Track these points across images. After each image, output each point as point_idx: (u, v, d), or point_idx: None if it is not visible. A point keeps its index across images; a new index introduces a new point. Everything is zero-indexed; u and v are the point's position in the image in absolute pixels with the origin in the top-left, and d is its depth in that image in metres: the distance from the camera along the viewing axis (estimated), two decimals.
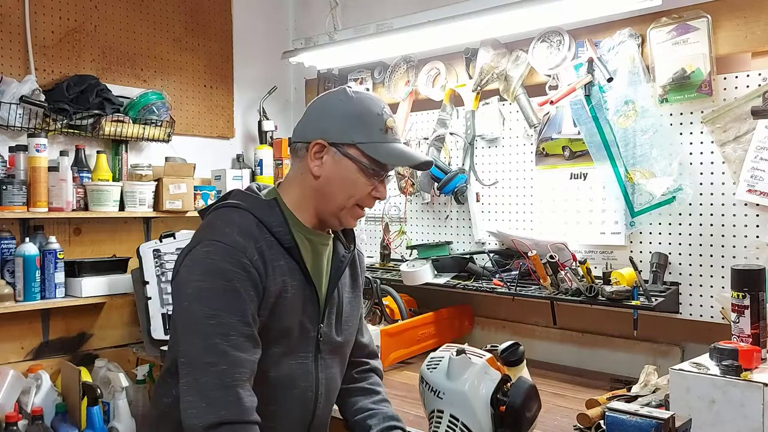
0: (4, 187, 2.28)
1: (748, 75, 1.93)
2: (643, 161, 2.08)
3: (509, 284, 2.28)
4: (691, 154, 2.04)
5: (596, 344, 2.35)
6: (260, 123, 3.21)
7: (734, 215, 1.96)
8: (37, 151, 2.34)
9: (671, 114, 2.08)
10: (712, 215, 2.01)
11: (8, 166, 2.38)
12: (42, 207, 2.35)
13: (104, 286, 2.53)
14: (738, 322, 1.58)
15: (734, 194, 1.94)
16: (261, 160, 3.10)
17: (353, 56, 2.71)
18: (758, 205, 1.90)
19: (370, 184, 1.37)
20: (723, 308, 1.91)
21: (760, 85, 1.90)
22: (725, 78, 1.97)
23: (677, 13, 2.01)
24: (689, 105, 2.03)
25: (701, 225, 2.03)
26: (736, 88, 1.95)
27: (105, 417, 2.45)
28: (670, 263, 2.08)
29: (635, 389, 1.83)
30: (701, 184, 2.02)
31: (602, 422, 1.55)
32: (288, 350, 1.38)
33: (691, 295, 2.05)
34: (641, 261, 2.11)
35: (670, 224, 2.09)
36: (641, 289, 1.97)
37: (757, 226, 1.92)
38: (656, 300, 1.95)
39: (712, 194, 2.00)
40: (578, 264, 2.13)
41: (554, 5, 1.99)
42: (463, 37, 2.36)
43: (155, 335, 2.47)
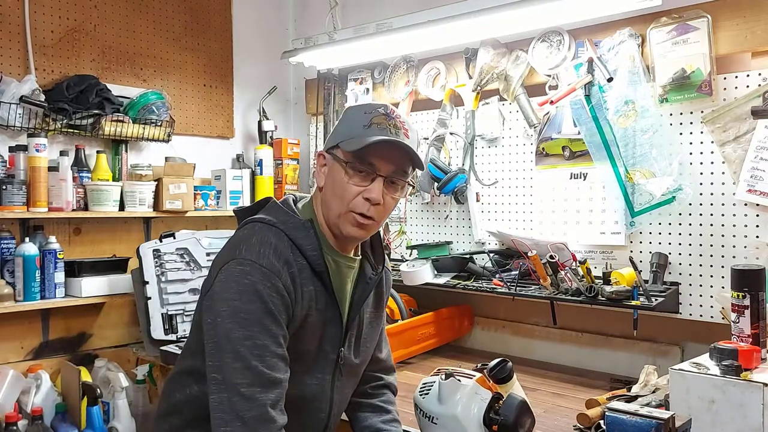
0: (4, 187, 2.28)
1: (748, 75, 1.93)
2: (643, 161, 2.08)
3: (509, 284, 2.28)
4: (691, 154, 2.04)
5: (596, 344, 2.35)
6: (260, 123, 3.21)
7: (734, 215, 1.96)
8: (37, 151, 2.34)
9: (671, 114, 2.08)
10: (712, 215, 2.01)
11: (8, 166, 2.38)
12: (42, 207, 2.35)
13: (104, 286, 2.53)
14: (738, 322, 1.58)
15: (734, 194, 1.94)
16: (261, 160, 3.10)
17: (353, 56, 2.71)
18: (758, 205, 1.90)
19: (358, 185, 1.33)
20: (723, 308, 1.91)
21: (760, 85, 1.90)
22: (725, 78, 1.97)
23: (677, 13, 2.01)
24: (689, 105, 2.03)
25: (701, 225, 2.03)
26: (736, 88, 1.95)
27: (105, 417, 2.44)
28: (670, 263, 2.08)
29: (635, 389, 1.83)
30: (701, 184, 2.02)
31: (602, 422, 1.55)
32: (305, 369, 1.37)
33: (691, 295, 2.05)
34: (641, 261, 2.11)
35: (670, 224, 2.09)
36: (641, 289, 1.97)
37: (757, 226, 1.92)
38: (656, 300, 1.95)
39: (712, 194, 2.00)
40: (578, 264, 2.13)
41: (554, 5, 1.99)
42: (463, 37, 2.36)
43: (155, 335, 2.47)
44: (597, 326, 2.35)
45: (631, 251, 2.17)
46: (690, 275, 2.05)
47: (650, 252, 2.12)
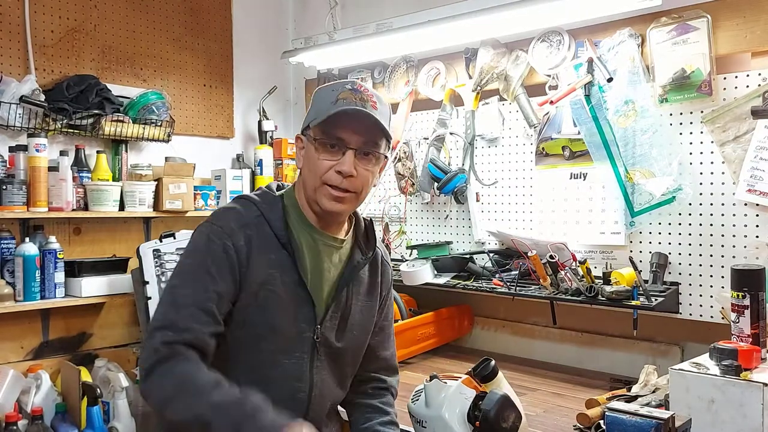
0: (4, 187, 2.28)
1: (748, 75, 1.93)
2: (643, 161, 2.08)
3: (509, 284, 2.28)
4: (691, 154, 2.04)
5: (596, 344, 2.35)
6: (260, 123, 3.21)
7: (734, 215, 1.96)
8: (37, 151, 2.34)
9: (671, 114, 2.08)
10: (712, 215, 2.01)
11: (8, 166, 2.38)
12: (42, 207, 2.35)
13: (104, 286, 2.53)
14: (738, 322, 1.58)
15: (734, 194, 1.95)
16: (261, 160, 3.10)
17: (353, 56, 2.71)
18: (758, 205, 1.91)
19: (330, 159, 1.36)
20: (723, 308, 1.91)
21: (760, 85, 1.90)
22: (725, 78, 1.97)
23: (677, 13, 2.01)
24: (689, 105, 2.03)
25: (701, 225, 2.03)
26: (736, 88, 1.95)
27: (105, 417, 2.44)
28: (670, 263, 2.09)
29: (635, 389, 1.83)
30: (701, 184, 2.02)
31: (602, 422, 1.55)
32: (281, 349, 1.39)
33: (691, 295, 2.05)
34: (641, 261, 2.11)
35: (670, 224, 2.09)
36: (641, 289, 1.97)
37: (757, 226, 1.92)
38: (656, 300, 1.95)
39: (712, 194, 2.00)
40: (578, 264, 2.13)
41: (554, 5, 1.99)
42: (463, 37, 2.36)
43: None
44: (597, 326, 2.35)
45: (631, 251, 2.17)
46: (690, 275, 2.05)
47: (650, 252, 2.12)
